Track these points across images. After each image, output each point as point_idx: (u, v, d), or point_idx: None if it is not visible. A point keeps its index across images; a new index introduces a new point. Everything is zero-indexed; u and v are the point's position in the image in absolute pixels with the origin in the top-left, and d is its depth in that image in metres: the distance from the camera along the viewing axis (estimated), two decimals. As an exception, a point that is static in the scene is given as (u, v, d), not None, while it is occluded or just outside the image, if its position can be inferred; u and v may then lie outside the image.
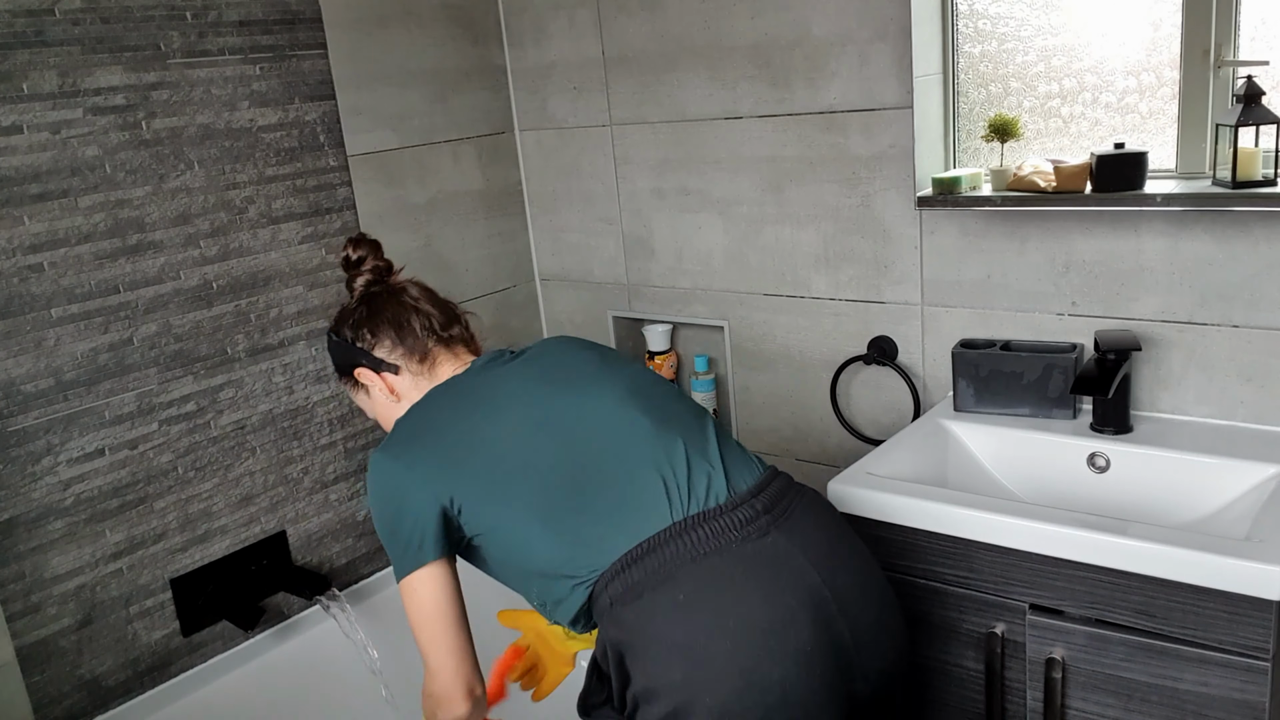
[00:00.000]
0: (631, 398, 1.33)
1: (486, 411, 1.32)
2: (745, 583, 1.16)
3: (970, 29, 1.69)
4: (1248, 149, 1.43)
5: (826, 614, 1.18)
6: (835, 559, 1.23)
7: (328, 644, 1.91)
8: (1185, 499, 1.49)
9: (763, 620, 1.15)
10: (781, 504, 1.25)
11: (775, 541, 1.20)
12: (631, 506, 1.23)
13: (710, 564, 1.17)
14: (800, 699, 1.14)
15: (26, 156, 1.54)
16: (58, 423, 1.60)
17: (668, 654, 1.15)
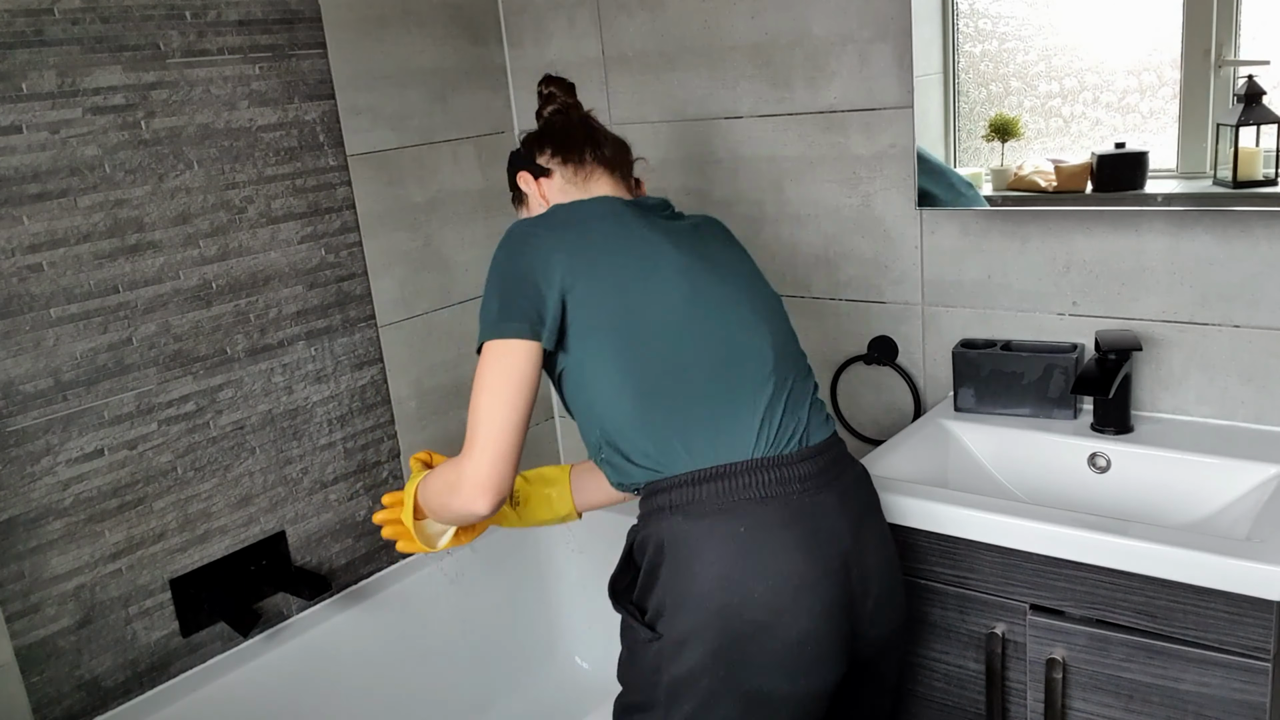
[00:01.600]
0: (768, 320, 1.32)
1: (643, 253, 1.28)
2: (793, 534, 1.21)
3: (971, 28, 1.69)
4: (1248, 149, 1.43)
5: (850, 578, 1.25)
6: (866, 529, 1.29)
7: (327, 645, 1.91)
8: (1186, 499, 1.49)
9: (799, 574, 1.20)
10: (837, 468, 1.29)
11: (825, 500, 1.25)
12: (725, 427, 1.24)
13: (771, 508, 1.21)
14: (813, 652, 1.22)
15: (26, 156, 1.54)
16: (57, 423, 1.60)
17: (710, 580, 1.19)
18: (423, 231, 2.10)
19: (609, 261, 1.27)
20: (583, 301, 1.24)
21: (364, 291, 2.00)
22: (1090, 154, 1.56)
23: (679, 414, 1.24)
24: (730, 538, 1.20)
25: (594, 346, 1.25)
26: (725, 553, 1.20)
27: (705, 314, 1.27)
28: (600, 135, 1.46)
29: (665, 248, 1.29)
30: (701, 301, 1.28)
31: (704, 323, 1.27)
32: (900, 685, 1.50)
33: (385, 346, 2.04)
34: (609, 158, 1.44)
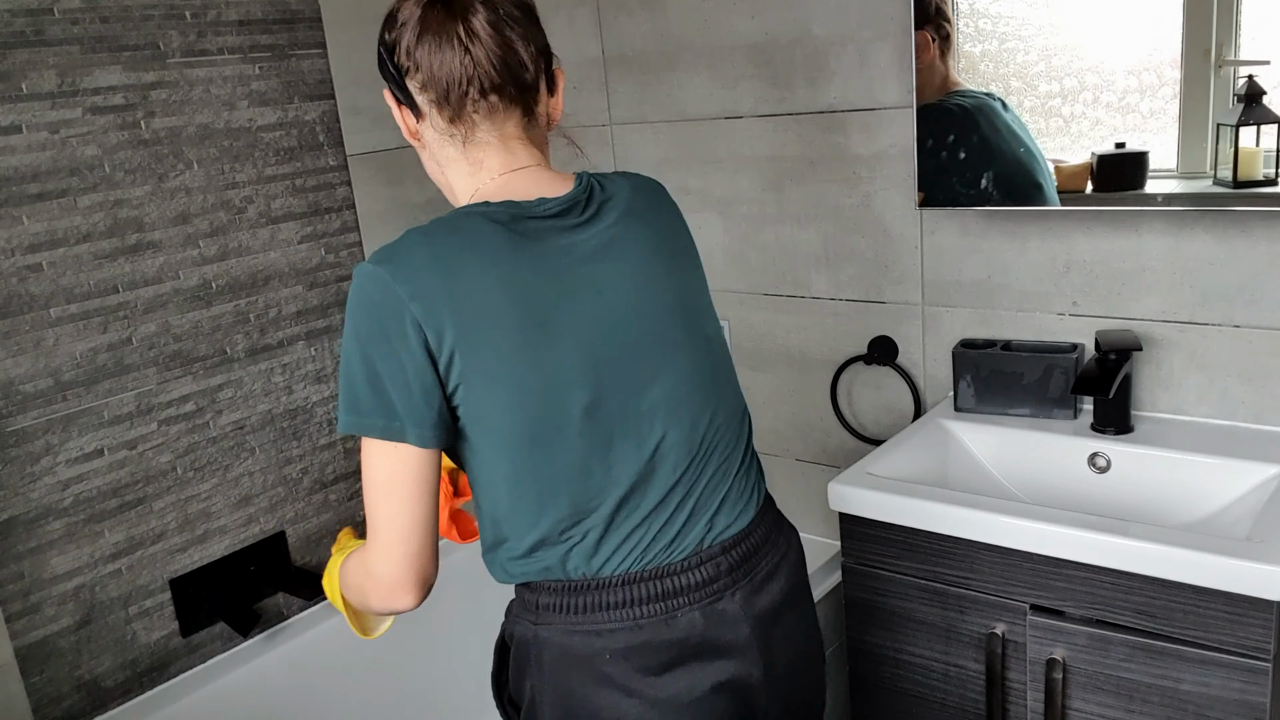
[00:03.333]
0: (699, 389, 1.08)
1: (534, 322, 1.00)
2: (676, 659, 1.05)
3: (971, 28, 1.69)
4: (1249, 149, 1.43)
5: (752, 699, 1.10)
6: (781, 633, 1.12)
7: (327, 645, 1.91)
8: (1186, 499, 1.49)
9: (683, 698, 1.05)
10: (751, 562, 1.10)
11: (725, 610, 1.07)
12: (615, 529, 1.05)
13: (645, 636, 1.04)
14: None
15: (25, 156, 1.54)
16: (56, 423, 1.60)
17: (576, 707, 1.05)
18: (423, 231, 2.09)
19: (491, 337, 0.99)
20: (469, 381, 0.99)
21: (364, 291, 2.00)
22: (1090, 154, 1.56)
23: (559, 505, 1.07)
24: (594, 672, 1.08)
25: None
26: (591, 687, 1.09)
27: (619, 386, 1.04)
28: (480, 45, 1.02)
29: (562, 309, 1.01)
30: (614, 367, 1.03)
31: (618, 402, 1.04)
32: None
33: (385, 346, 2.04)
34: (501, 94, 1.04)
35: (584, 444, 1.02)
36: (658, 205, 1.14)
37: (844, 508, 1.51)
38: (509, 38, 1.03)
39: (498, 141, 1.07)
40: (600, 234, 1.06)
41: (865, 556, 1.53)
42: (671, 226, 1.14)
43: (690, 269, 1.14)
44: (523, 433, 1.01)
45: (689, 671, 1.05)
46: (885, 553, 1.50)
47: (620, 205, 1.10)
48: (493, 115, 1.06)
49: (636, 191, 1.13)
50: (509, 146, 1.08)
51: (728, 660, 1.07)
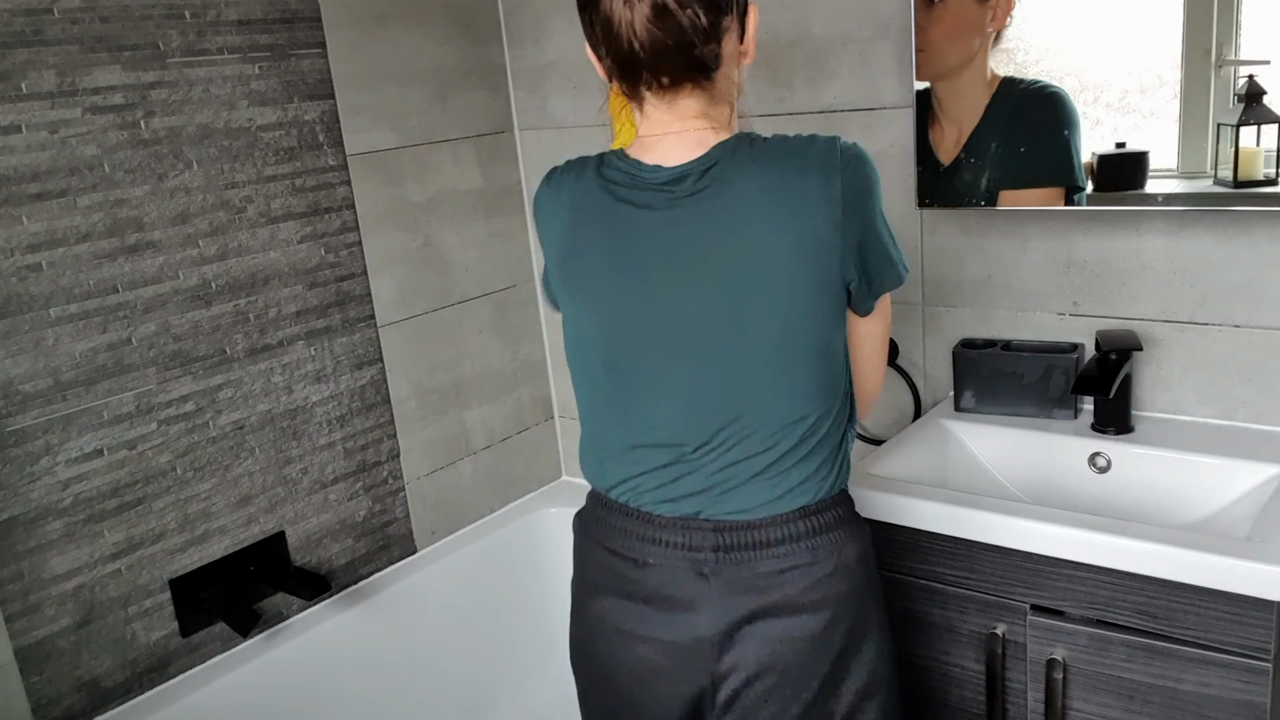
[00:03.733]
0: (718, 394, 1.14)
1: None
2: (638, 595, 1.19)
3: (971, 28, 1.69)
4: (1249, 148, 1.43)
5: (702, 683, 1.18)
6: (753, 635, 1.16)
7: (327, 645, 1.90)
8: (1186, 499, 1.49)
9: (630, 628, 1.20)
10: (744, 553, 1.15)
11: (691, 576, 1.16)
12: (623, 465, 1.21)
13: (620, 563, 1.21)
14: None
15: (25, 156, 1.54)
16: (56, 423, 1.60)
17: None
18: (422, 231, 2.09)
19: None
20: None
21: (364, 291, 2.00)
22: (1090, 154, 1.56)
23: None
24: (587, 596, 1.30)
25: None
26: (583, 606, 1.30)
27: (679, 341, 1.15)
28: (640, 28, 1.09)
29: (608, 276, 1.16)
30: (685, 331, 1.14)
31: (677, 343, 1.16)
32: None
33: (385, 346, 2.04)
34: (638, 90, 1.14)
35: (603, 392, 1.20)
36: (771, 207, 1.09)
37: (844, 508, 1.51)
38: (677, 21, 1.08)
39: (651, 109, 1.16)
40: (680, 220, 1.11)
41: (865, 556, 1.53)
42: (764, 233, 1.09)
43: (756, 280, 1.10)
44: (568, 358, 1.25)
45: (644, 613, 1.19)
46: (885, 553, 1.50)
47: (723, 196, 1.10)
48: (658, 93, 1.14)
49: (761, 186, 1.09)
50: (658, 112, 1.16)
51: (681, 617, 1.17)
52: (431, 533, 2.17)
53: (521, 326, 2.33)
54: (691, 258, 1.11)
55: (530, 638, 2.26)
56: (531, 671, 2.25)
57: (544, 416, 2.41)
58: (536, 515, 2.29)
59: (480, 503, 2.27)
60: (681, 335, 1.12)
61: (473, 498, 2.25)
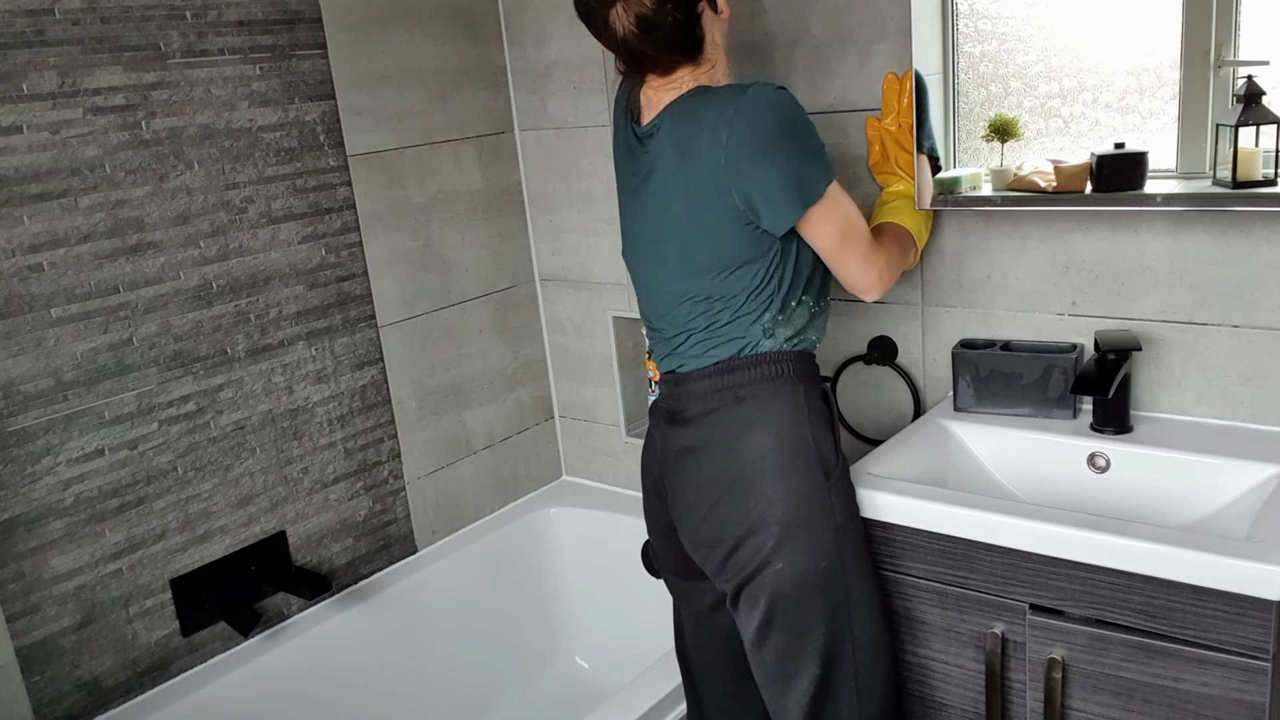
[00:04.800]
0: (672, 276, 1.45)
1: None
2: (652, 428, 1.56)
3: (970, 29, 1.69)
4: (1248, 149, 1.43)
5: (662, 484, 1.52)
6: (682, 471, 1.47)
7: (327, 645, 1.91)
8: (1185, 499, 1.49)
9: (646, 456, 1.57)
10: (679, 398, 1.48)
11: (657, 418, 1.53)
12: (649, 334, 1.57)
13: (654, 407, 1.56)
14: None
15: (26, 156, 1.54)
16: (57, 423, 1.60)
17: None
18: (423, 231, 2.10)
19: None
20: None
21: (364, 291, 2.00)
22: (1090, 154, 1.56)
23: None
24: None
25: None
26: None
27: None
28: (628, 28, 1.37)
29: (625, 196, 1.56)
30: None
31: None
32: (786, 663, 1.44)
33: (385, 346, 2.05)
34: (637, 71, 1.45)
35: (631, 275, 1.55)
36: (690, 133, 1.37)
37: (844, 507, 1.51)
38: (651, 20, 1.35)
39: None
40: (649, 159, 1.43)
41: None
42: (691, 153, 1.37)
43: (690, 189, 1.38)
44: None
45: (650, 443, 1.55)
46: (885, 553, 1.50)
47: (663, 136, 1.41)
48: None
49: (678, 123, 1.39)
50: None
51: (652, 452, 1.54)
52: (432, 533, 2.17)
53: (521, 326, 2.33)
54: (646, 189, 1.45)
55: (530, 638, 2.26)
56: (531, 671, 2.25)
57: (544, 416, 2.41)
58: (536, 515, 2.30)
59: (480, 503, 2.27)
60: (639, 249, 1.50)
61: (473, 498, 2.25)
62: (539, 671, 2.27)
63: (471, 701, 2.14)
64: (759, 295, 1.42)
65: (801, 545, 1.39)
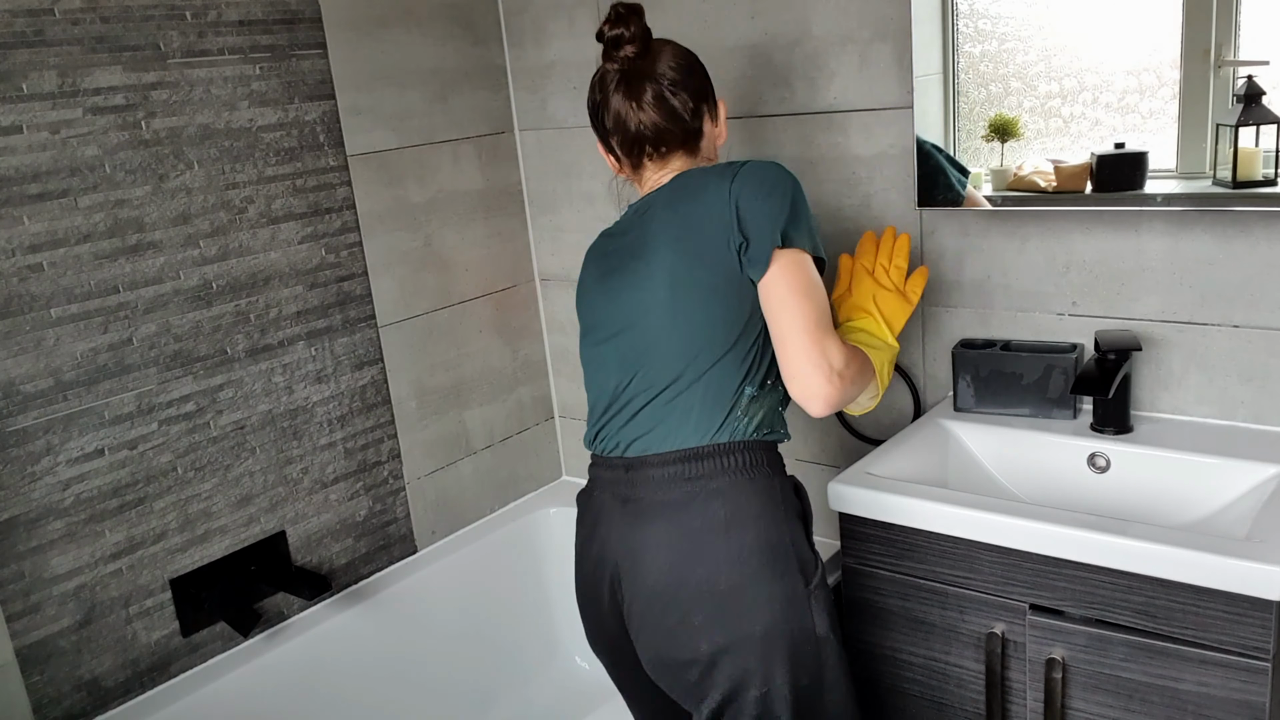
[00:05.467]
0: (638, 351, 1.39)
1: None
2: (591, 521, 1.43)
3: (970, 29, 1.69)
4: (1248, 149, 1.43)
5: (618, 596, 1.40)
6: (646, 550, 1.34)
7: (327, 645, 1.91)
8: (1185, 499, 1.49)
9: (582, 553, 1.45)
10: (634, 485, 1.36)
11: (608, 507, 1.40)
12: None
13: (583, 506, 1.47)
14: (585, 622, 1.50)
15: (26, 156, 1.54)
16: (57, 423, 1.60)
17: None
18: (423, 231, 2.10)
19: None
20: None
21: (364, 291, 2.00)
22: (1090, 154, 1.56)
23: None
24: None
25: None
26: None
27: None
28: (642, 115, 1.41)
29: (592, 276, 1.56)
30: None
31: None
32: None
33: (385, 346, 2.05)
34: (638, 159, 1.46)
35: (589, 353, 1.48)
36: (685, 199, 1.38)
37: (844, 508, 1.51)
38: (670, 105, 1.40)
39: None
40: (641, 224, 1.42)
41: (865, 556, 1.53)
42: (689, 217, 1.37)
43: (678, 275, 1.35)
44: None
45: (593, 537, 1.42)
46: (885, 553, 1.50)
47: (654, 209, 1.41)
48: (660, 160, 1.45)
49: (672, 194, 1.40)
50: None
51: (602, 547, 1.40)
52: (431, 533, 2.17)
53: (521, 326, 2.33)
54: (632, 258, 1.42)
55: (530, 638, 2.26)
56: (531, 671, 2.25)
57: (544, 416, 2.41)
58: (536, 515, 2.30)
59: (480, 503, 2.27)
60: (610, 319, 1.45)
61: (473, 498, 2.25)
62: (539, 671, 2.26)
63: (471, 701, 2.14)
64: (741, 368, 1.33)
65: (785, 662, 1.29)
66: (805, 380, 1.28)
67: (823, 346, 1.28)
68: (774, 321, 1.31)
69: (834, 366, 1.28)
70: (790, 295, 1.29)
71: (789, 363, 1.29)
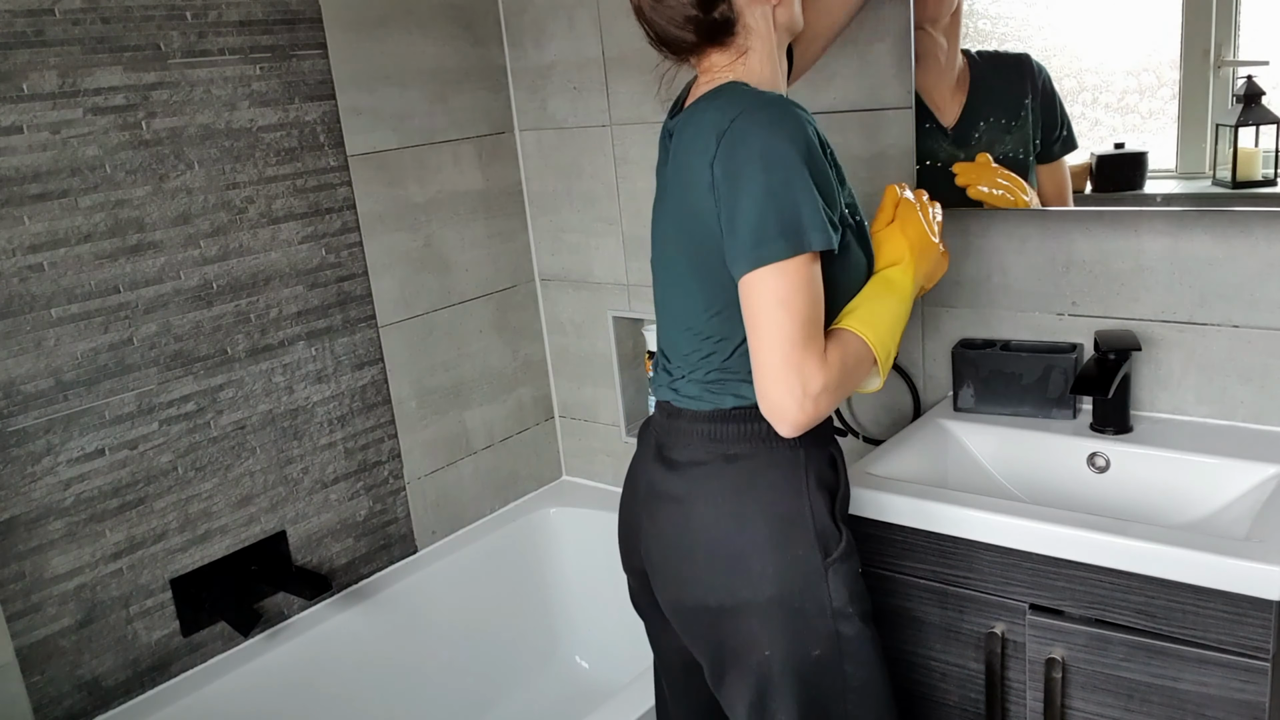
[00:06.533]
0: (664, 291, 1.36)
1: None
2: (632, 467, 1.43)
3: (970, 28, 1.69)
4: (1248, 149, 1.43)
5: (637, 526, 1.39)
6: (653, 503, 1.35)
7: (327, 645, 1.91)
8: (1185, 499, 1.49)
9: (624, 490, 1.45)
10: (658, 433, 1.36)
11: (643, 452, 1.40)
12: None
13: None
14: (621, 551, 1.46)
15: (26, 156, 1.54)
16: (58, 423, 1.60)
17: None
18: (423, 231, 2.10)
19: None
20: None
21: (364, 291, 2.00)
22: (1090, 154, 1.56)
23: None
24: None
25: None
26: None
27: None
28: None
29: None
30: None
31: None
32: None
33: (385, 346, 2.05)
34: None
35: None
36: (686, 148, 1.25)
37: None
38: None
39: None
40: (666, 166, 1.31)
41: (865, 556, 1.53)
42: (685, 167, 1.25)
43: (675, 211, 1.28)
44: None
45: (635, 471, 1.41)
46: (885, 553, 1.50)
47: (674, 143, 1.29)
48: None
49: (681, 137, 1.27)
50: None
51: (638, 487, 1.39)
52: (432, 533, 2.17)
53: (521, 326, 2.33)
54: (661, 198, 1.34)
55: (530, 638, 2.26)
56: (531, 671, 2.25)
57: (544, 416, 2.41)
58: (536, 515, 2.30)
59: (480, 503, 2.27)
60: (655, 265, 1.38)
61: (473, 498, 2.25)
62: (539, 671, 2.27)
63: (471, 701, 2.14)
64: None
65: (791, 631, 1.24)
66: (772, 403, 1.17)
67: (799, 367, 1.15)
68: (748, 331, 1.19)
69: (808, 391, 1.15)
70: (764, 307, 1.16)
71: (758, 380, 1.18)
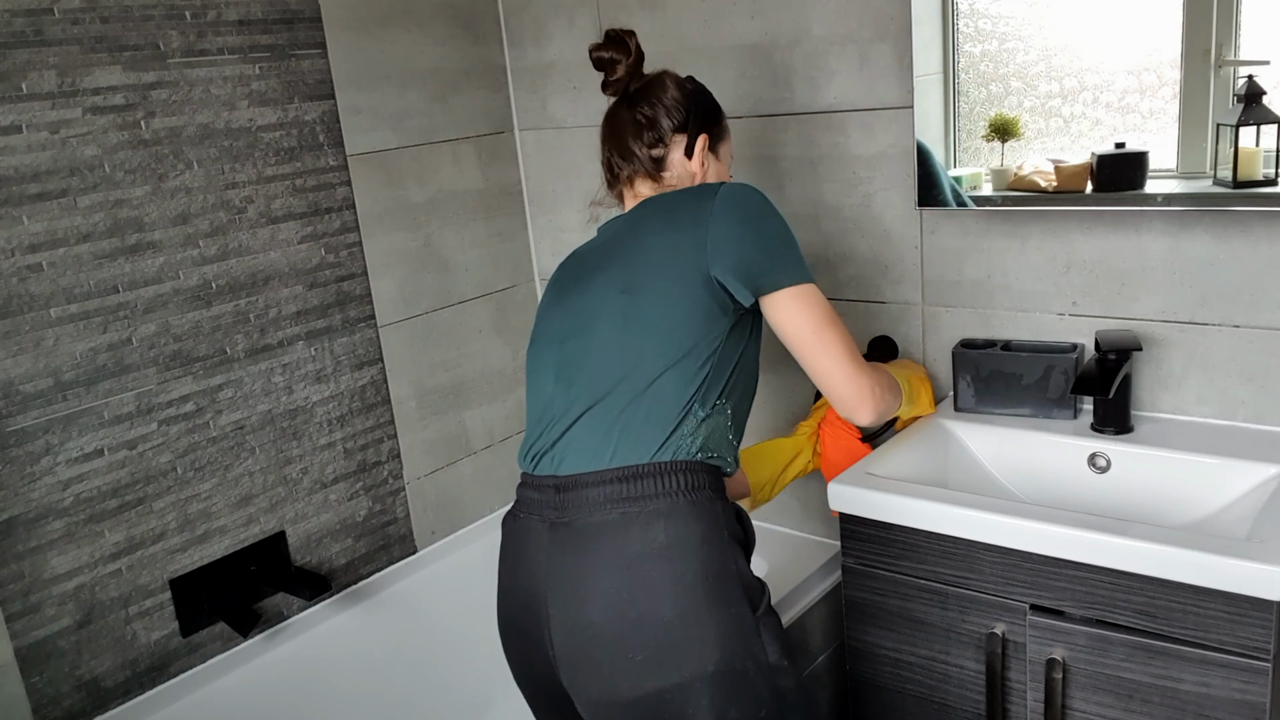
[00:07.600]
0: (577, 366, 1.34)
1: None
2: (514, 551, 1.33)
3: (970, 28, 1.69)
4: (1248, 149, 1.43)
5: (540, 626, 1.29)
6: (580, 579, 1.24)
7: (327, 645, 1.91)
8: (1186, 499, 1.49)
9: (502, 585, 1.36)
10: (568, 507, 1.27)
11: (535, 531, 1.30)
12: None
13: (507, 529, 1.38)
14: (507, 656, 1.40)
15: (25, 156, 1.54)
16: (57, 423, 1.60)
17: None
18: (423, 231, 2.10)
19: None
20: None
21: (364, 291, 2.00)
22: (1090, 154, 1.56)
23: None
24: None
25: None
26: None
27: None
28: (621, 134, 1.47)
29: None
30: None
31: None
32: None
33: (385, 346, 2.04)
34: (618, 179, 1.50)
35: (534, 363, 1.43)
36: (656, 214, 1.39)
37: (844, 508, 1.51)
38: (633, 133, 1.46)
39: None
40: (598, 250, 1.41)
41: (865, 556, 1.53)
42: (658, 231, 1.35)
43: (635, 280, 1.32)
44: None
45: (519, 566, 1.31)
46: (885, 553, 1.50)
47: (620, 228, 1.41)
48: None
49: (639, 214, 1.41)
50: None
51: (529, 576, 1.29)
52: (431, 533, 2.17)
53: (521, 326, 2.33)
54: (599, 266, 1.39)
55: (530, 638, 2.26)
56: (531, 671, 2.25)
57: (544, 416, 2.41)
58: (536, 515, 2.29)
59: (480, 503, 2.27)
60: (561, 325, 1.40)
61: (473, 498, 2.25)
62: (539, 672, 2.26)
63: (471, 701, 2.14)
64: (692, 383, 1.26)
65: (738, 696, 1.20)
66: (844, 390, 1.35)
67: (862, 374, 1.36)
68: (810, 356, 1.34)
69: (870, 382, 1.36)
70: (824, 314, 1.34)
71: (835, 378, 1.35)
